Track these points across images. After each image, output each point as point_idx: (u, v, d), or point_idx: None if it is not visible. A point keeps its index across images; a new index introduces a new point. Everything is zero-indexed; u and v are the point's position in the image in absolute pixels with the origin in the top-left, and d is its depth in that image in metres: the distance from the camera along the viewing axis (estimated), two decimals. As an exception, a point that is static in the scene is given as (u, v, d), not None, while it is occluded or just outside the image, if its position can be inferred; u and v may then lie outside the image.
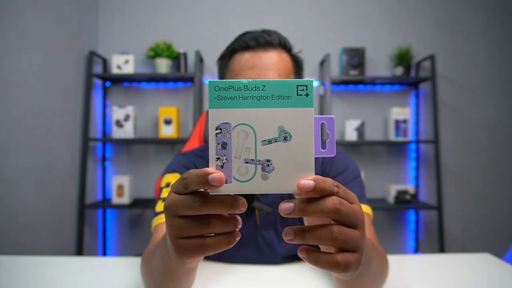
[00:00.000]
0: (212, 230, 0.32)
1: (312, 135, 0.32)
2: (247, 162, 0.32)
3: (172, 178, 0.79)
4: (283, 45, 0.75)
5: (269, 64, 0.72)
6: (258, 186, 0.31)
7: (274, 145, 0.32)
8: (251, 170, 0.32)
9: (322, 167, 0.82)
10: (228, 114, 0.32)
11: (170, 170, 0.81)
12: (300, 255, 0.32)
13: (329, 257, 0.32)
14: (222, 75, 0.80)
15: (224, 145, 0.32)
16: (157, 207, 0.75)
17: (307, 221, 0.37)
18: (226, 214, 0.33)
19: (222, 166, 0.31)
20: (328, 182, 0.31)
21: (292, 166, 0.32)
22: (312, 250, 0.32)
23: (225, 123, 0.32)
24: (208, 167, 0.31)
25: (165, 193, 0.76)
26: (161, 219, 0.72)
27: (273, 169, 0.32)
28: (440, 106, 2.30)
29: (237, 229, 0.33)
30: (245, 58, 0.73)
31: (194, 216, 0.32)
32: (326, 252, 0.32)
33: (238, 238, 0.33)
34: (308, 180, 0.31)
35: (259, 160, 0.32)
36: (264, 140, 0.32)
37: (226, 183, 0.31)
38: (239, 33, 0.79)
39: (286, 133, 0.32)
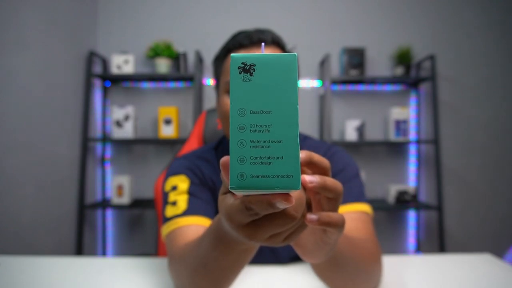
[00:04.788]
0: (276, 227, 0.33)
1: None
2: None
3: (177, 180, 0.77)
4: (276, 43, 0.75)
5: None
6: None
7: None
8: None
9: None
10: None
11: (173, 172, 0.79)
12: (309, 222, 0.34)
13: (334, 214, 0.36)
14: (217, 76, 0.79)
15: None
16: (167, 212, 0.72)
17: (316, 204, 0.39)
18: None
19: None
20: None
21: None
22: (318, 212, 0.35)
23: None
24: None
25: (172, 197, 0.73)
26: (175, 224, 0.69)
27: None
28: (440, 106, 2.30)
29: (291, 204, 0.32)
30: None
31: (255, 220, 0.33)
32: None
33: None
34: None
35: None
36: None
37: None
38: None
39: None
